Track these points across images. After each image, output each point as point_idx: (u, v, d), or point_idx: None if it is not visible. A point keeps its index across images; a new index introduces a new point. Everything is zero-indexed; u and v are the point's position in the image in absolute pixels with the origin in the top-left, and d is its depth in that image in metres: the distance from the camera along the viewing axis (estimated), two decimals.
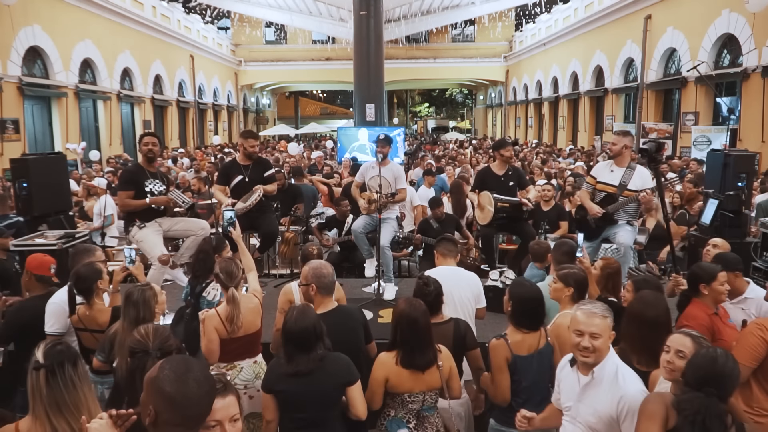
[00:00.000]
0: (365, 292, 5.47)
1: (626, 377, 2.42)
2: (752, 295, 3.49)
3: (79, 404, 2.04)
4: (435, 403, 2.90)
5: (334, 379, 2.69)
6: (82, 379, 2.09)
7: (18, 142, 13.01)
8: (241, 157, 5.58)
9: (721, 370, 2.11)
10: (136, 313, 2.91)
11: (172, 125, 22.80)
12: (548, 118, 26.39)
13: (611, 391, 2.38)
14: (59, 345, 2.11)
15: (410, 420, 2.85)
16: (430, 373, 2.82)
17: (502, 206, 5.24)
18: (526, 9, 28.36)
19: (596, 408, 2.41)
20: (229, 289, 3.27)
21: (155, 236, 5.02)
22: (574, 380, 2.51)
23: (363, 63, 17.84)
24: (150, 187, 5.02)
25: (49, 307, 3.49)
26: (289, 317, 2.71)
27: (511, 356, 2.94)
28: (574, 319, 2.46)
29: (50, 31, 14.39)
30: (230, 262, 3.45)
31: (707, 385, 2.08)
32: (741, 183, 5.40)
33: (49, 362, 2.02)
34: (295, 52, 32.01)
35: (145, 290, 3.01)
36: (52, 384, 2.01)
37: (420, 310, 2.85)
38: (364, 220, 5.55)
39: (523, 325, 2.99)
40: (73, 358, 2.09)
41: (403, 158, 14.33)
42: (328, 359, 2.69)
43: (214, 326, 3.22)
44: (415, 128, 48.62)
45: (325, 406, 2.69)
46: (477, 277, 3.94)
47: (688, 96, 14.48)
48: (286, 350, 2.69)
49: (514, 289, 3.08)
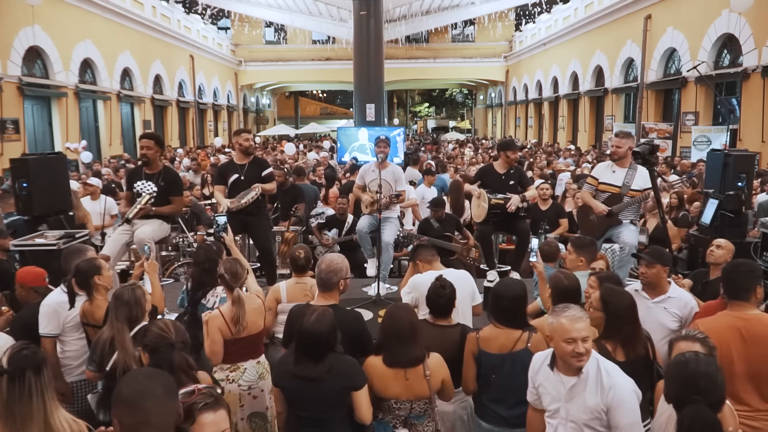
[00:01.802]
0: (365, 292, 5.48)
1: (609, 370, 2.45)
2: (675, 295, 3.44)
3: (30, 416, 1.99)
4: (424, 412, 2.87)
5: (339, 382, 2.66)
6: (46, 387, 2.03)
7: (18, 142, 13.00)
8: (237, 156, 5.58)
9: (694, 373, 2.01)
10: (128, 311, 2.91)
11: (172, 125, 22.80)
12: (548, 118, 26.39)
13: (598, 385, 2.41)
14: (25, 350, 2.07)
15: (397, 425, 2.85)
16: (417, 381, 2.79)
17: (497, 203, 5.25)
18: (526, 9, 28.35)
19: (587, 405, 2.42)
20: (234, 290, 3.27)
21: (116, 235, 5.15)
22: (557, 382, 2.52)
23: (363, 63, 17.85)
24: (137, 188, 5.11)
25: (42, 308, 3.47)
26: (307, 318, 2.68)
27: (477, 350, 3.00)
28: (560, 328, 2.43)
29: (50, 31, 14.38)
30: (235, 262, 3.45)
31: (689, 393, 1.98)
32: (741, 183, 5.40)
33: (11, 368, 2.00)
34: (295, 52, 32.02)
35: (135, 289, 3.02)
36: (10, 390, 1.98)
37: (403, 309, 2.90)
38: (368, 220, 5.55)
39: (499, 321, 3.04)
40: (36, 364, 2.03)
41: (403, 158, 14.34)
42: (335, 362, 2.67)
43: (218, 327, 3.23)
44: (415, 128, 48.60)
45: (329, 408, 2.67)
46: (468, 274, 3.94)
47: (688, 96, 14.48)
48: (296, 350, 2.67)
49: (496, 286, 3.19)
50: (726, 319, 2.93)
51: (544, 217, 6.70)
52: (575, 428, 2.46)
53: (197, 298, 3.78)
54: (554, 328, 2.46)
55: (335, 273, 3.21)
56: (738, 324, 2.87)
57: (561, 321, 2.43)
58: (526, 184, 5.58)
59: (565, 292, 3.17)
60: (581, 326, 2.40)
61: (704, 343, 2.40)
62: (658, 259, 3.41)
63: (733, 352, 2.81)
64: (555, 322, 2.47)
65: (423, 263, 3.93)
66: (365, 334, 3.23)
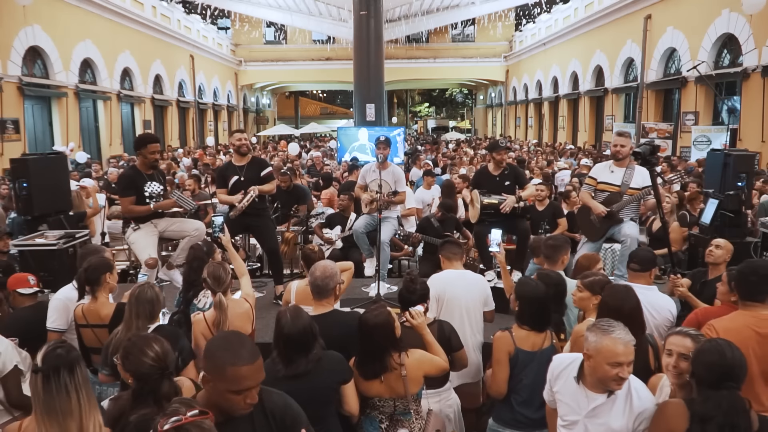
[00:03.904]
0: (365, 292, 5.48)
1: (639, 392, 2.33)
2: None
3: (70, 412, 2.00)
4: (408, 409, 2.85)
5: (331, 377, 2.69)
6: (80, 386, 2.04)
7: (18, 142, 13.01)
8: (235, 157, 5.56)
9: (731, 361, 2.08)
10: (151, 308, 2.95)
11: (172, 125, 22.80)
12: (548, 118, 26.39)
13: (627, 407, 2.30)
14: (59, 348, 2.08)
15: (383, 420, 2.85)
16: (395, 380, 2.78)
17: (489, 203, 5.26)
18: (526, 9, 28.37)
19: (611, 427, 2.31)
20: (216, 294, 3.22)
21: (147, 239, 4.96)
22: (581, 396, 2.38)
23: (363, 63, 17.85)
24: (149, 190, 5.00)
25: (52, 302, 3.49)
26: (285, 320, 2.65)
27: (514, 349, 2.95)
28: (607, 351, 2.23)
29: (50, 31, 14.39)
30: (218, 266, 3.37)
31: (726, 380, 2.03)
32: (741, 183, 5.41)
33: (45, 366, 2.01)
34: (295, 52, 32.02)
35: (153, 287, 3.04)
36: (46, 388, 1.99)
37: (380, 319, 2.77)
38: (365, 219, 5.59)
39: (528, 325, 3.00)
40: (70, 363, 2.04)
41: (403, 158, 14.36)
42: (324, 357, 2.69)
43: (201, 331, 3.21)
44: (415, 128, 48.59)
45: (322, 404, 2.69)
46: (484, 279, 3.94)
47: (688, 96, 14.48)
48: (284, 353, 2.64)
49: (521, 289, 3.10)
50: (743, 319, 2.90)
51: (542, 218, 6.71)
52: None
53: (189, 298, 3.77)
54: (599, 349, 2.24)
55: (331, 278, 3.17)
56: (754, 324, 2.85)
57: (608, 343, 2.22)
58: (523, 183, 5.58)
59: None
60: (630, 351, 2.22)
61: (696, 340, 2.39)
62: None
63: (750, 353, 2.76)
64: (599, 341, 2.25)
65: (444, 259, 3.89)
66: None
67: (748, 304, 2.94)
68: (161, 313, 3.11)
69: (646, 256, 3.64)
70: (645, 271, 3.56)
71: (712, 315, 3.17)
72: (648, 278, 3.56)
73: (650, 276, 3.58)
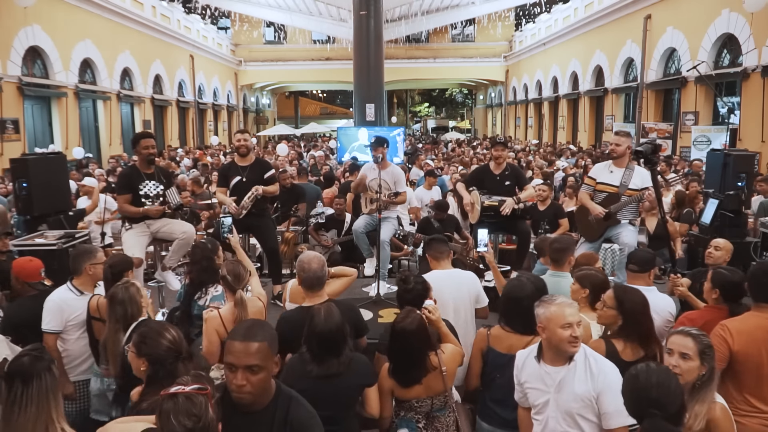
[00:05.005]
0: (365, 292, 5.48)
1: (596, 357, 2.51)
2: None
3: (24, 425, 1.96)
4: (444, 404, 2.90)
5: (356, 380, 2.74)
6: (35, 398, 1.99)
7: (18, 142, 13.01)
8: (238, 157, 5.55)
9: (645, 384, 1.95)
10: (123, 311, 2.97)
11: (172, 125, 22.79)
12: (548, 118, 26.39)
13: (587, 371, 2.45)
14: (26, 356, 2.05)
15: (420, 420, 2.88)
16: (434, 379, 2.82)
17: (490, 205, 5.25)
18: (525, 9, 28.34)
19: (576, 392, 2.43)
20: (236, 292, 3.26)
21: (135, 239, 4.94)
22: (544, 374, 2.53)
23: (363, 63, 17.83)
24: (144, 191, 4.98)
25: (47, 304, 3.49)
26: (318, 318, 2.68)
27: (486, 347, 3.00)
28: (556, 316, 2.46)
29: (50, 31, 14.38)
30: (237, 264, 3.43)
31: (645, 406, 1.93)
32: (741, 183, 5.41)
33: (4, 373, 2.00)
34: (295, 52, 31.99)
35: (129, 287, 3.05)
36: (8, 396, 1.98)
37: (414, 325, 2.79)
38: (365, 219, 5.56)
39: (510, 326, 2.97)
40: (28, 374, 2.00)
41: (403, 158, 14.35)
42: (353, 359, 2.74)
43: (215, 328, 3.22)
44: (416, 128, 48.56)
45: (344, 406, 2.73)
46: (474, 276, 3.89)
47: (688, 96, 14.48)
48: (314, 351, 2.66)
49: (506, 288, 3.10)
50: (755, 320, 2.88)
51: (543, 218, 6.71)
52: (565, 419, 2.46)
53: (192, 295, 3.80)
54: (548, 317, 2.47)
55: (324, 266, 3.27)
56: (767, 326, 2.84)
57: (554, 309, 2.46)
58: (524, 183, 5.57)
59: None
60: (574, 311, 2.48)
61: (697, 339, 2.39)
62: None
63: (763, 353, 2.77)
64: (548, 310, 2.48)
65: (432, 259, 3.86)
66: (360, 320, 3.40)
67: (761, 306, 2.92)
68: (160, 312, 3.12)
69: (644, 257, 3.64)
70: (644, 272, 3.55)
71: (697, 319, 3.16)
72: (647, 279, 3.56)
73: (649, 276, 3.58)
